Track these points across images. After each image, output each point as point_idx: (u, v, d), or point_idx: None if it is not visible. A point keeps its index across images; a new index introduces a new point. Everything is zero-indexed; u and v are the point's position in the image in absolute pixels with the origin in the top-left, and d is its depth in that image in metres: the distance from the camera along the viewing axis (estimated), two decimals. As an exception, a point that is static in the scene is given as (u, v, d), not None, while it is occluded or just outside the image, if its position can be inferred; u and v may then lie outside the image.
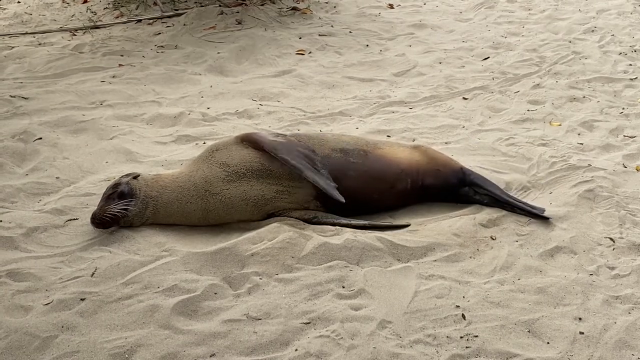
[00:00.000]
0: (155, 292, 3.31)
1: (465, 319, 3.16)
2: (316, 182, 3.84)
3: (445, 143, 5.12)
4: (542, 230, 3.89)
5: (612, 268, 3.59)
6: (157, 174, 4.11)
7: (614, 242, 3.81)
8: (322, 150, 4.07)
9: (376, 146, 4.24)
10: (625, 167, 4.70)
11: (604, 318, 3.18)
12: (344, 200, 3.82)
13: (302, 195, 3.98)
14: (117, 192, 3.85)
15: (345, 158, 4.07)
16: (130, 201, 3.83)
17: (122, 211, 3.79)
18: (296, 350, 2.95)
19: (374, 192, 4.08)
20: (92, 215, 3.82)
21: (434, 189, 4.21)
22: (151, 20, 8.78)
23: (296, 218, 3.93)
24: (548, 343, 3.03)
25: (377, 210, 4.16)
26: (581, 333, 3.08)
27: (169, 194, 3.90)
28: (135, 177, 3.96)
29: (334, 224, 3.89)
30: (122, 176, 4.03)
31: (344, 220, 3.91)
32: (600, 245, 3.79)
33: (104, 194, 3.91)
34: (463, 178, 4.24)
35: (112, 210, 3.78)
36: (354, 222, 3.92)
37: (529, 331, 3.10)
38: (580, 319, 3.18)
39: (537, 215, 4.00)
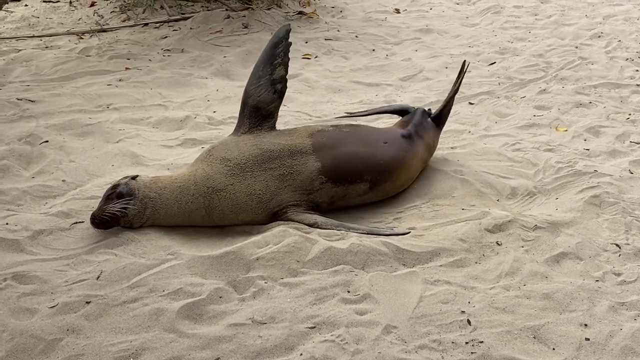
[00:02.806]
0: (161, 296, 3.31)
1: (470, 325, 3.15)
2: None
3: (451, 148, 5.11)
4: (547, 235, 3.88)
5: (618, 274, 3.58)
6: (155, 175, 4.12)
7: (620, 248, 3.80)
8: (313, 129, 4.24)
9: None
10: (632, 173, 4.69)
11: (609, 324, 3.17)
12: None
13: (307, 174, 4.00)
14: (116, 192, 3.86)
15: (338, 130, 4.29)
16: (130, 200, 3.83)
17: (121, 210, 3.79)
18: (301, 354, 2.95)
19: (376, 150, 4.23)
20: (92, 215, 3.83)
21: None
22: (158, 24, 8.79)
23: (298, 222, 3.92)
24: (554, 349, 3.02)
25: (392, 164, 4.26)
26: (587, 339, 3.07)
27: (167, 195, 3.90)
28: (134, 178, 3.98)
29: (336, 229, 3.86)
30: (121, 178, 4.04)
31: (343, 229, 3.88)
32: (606, 251, 3.78)
33: (103, 195, 3.92)
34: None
35: (111, 209, 3.78)
36: (353, 228, 3.89)
37: (534, 337, 3.09)
38: (585, 325, 3.17)
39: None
